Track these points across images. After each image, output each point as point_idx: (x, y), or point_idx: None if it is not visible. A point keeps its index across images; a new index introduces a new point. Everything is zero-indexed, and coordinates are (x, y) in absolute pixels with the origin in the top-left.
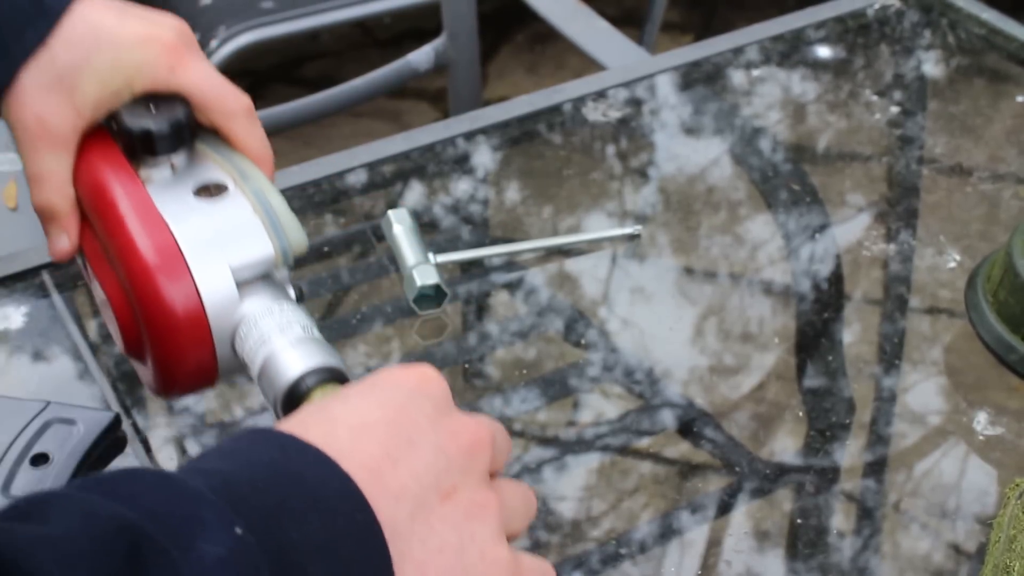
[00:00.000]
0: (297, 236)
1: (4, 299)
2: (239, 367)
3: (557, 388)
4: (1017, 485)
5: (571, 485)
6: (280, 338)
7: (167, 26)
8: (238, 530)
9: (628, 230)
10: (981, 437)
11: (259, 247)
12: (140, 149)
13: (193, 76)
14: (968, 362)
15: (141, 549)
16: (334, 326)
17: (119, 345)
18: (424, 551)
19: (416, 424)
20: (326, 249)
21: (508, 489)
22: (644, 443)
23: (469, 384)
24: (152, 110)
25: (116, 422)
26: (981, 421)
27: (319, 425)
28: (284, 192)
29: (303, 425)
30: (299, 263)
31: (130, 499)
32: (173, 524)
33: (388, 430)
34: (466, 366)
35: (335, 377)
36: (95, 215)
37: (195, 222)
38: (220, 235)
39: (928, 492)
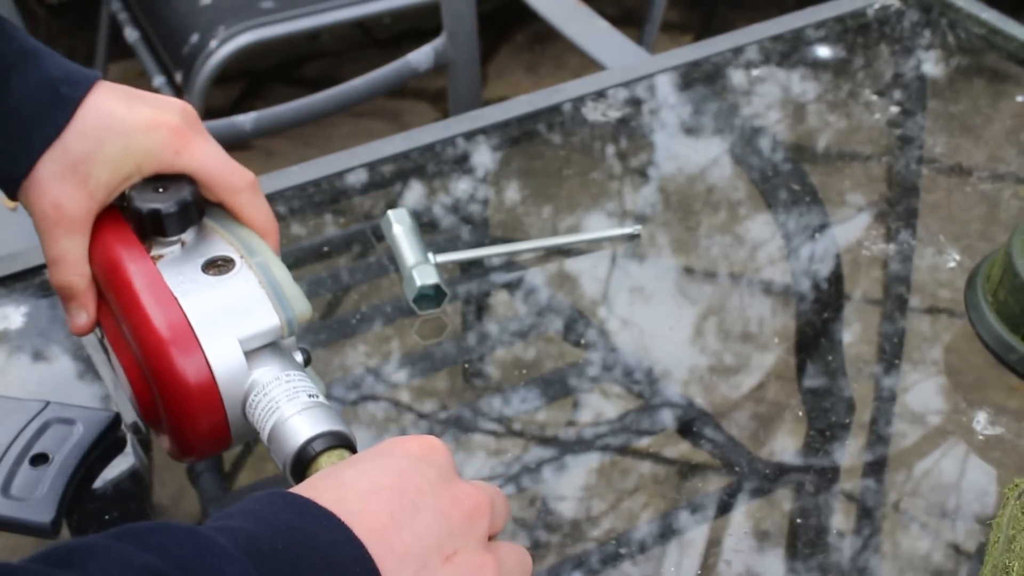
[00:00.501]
0: (301, 306)
1: (4, 299)
2: (252, 431)
3: (557, 388)
4: (1016, 485)
5: (571, 485)
6: (288, 405)
7: (173, 110)
8: None
9: (628, 230)
10: (981, 437)
11: (265, 319)
12: (150, 229)
13: (199, 157)
14: (968, 362)
15: None
16: (334, 326)
17: (136, 413)
18: None
19: (421, 490)
20: (326, 249)
21: (505, 551)
22: (644, 443)
23: (469, 384)
24: (161, 191)
25: (115, 422)
26: (981, 421)
27: (332, 490)
28: (284, 192)
29: (316, 490)
30: (299, 263)
31: (161, 551)
32: None
33: (394, 495)
34: (466, 366)
35: (340, 442)
36: (110, 292)
37: (204, 297)
38: (228, 309)
39: (928, 492)
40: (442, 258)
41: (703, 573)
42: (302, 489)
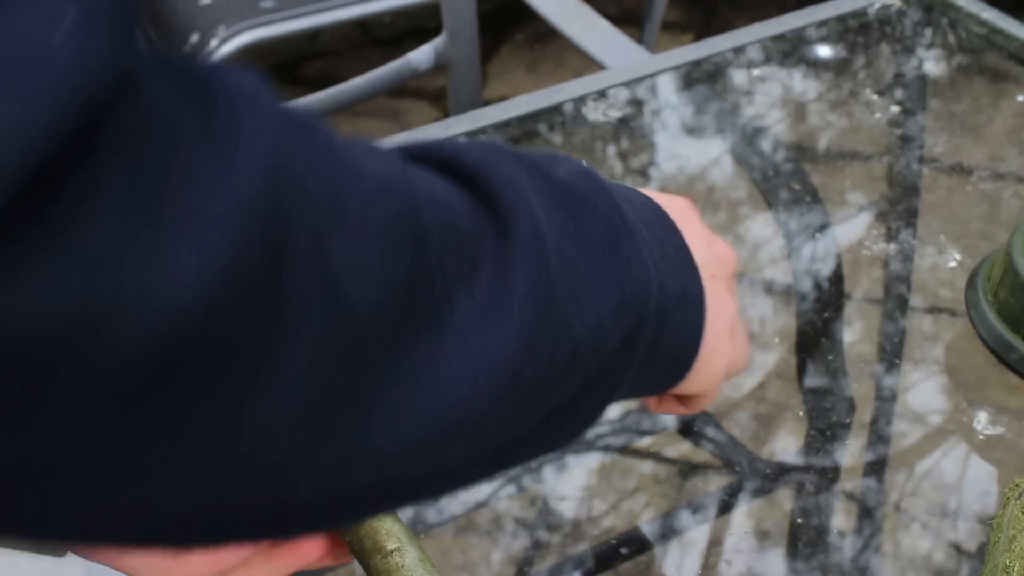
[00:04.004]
0: None
1: None
2: None
3: None
4: (1017, 485)
5: (571, 485)
6: None
7: None
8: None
9: None
10: (981, 436)
11: None
12: None
13: None
14: (968, 361)
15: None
16: None
17: None
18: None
19: (696, 228)
20: None
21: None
22: (644, 443)
23: None
24: None
25: None
26: (981, 420)
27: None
28: None
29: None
30: None
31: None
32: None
33: (686, 225)
34: None
35: None
36: None
37: None
38: None
39: (928, 491)
40: None
41: (704, 573)
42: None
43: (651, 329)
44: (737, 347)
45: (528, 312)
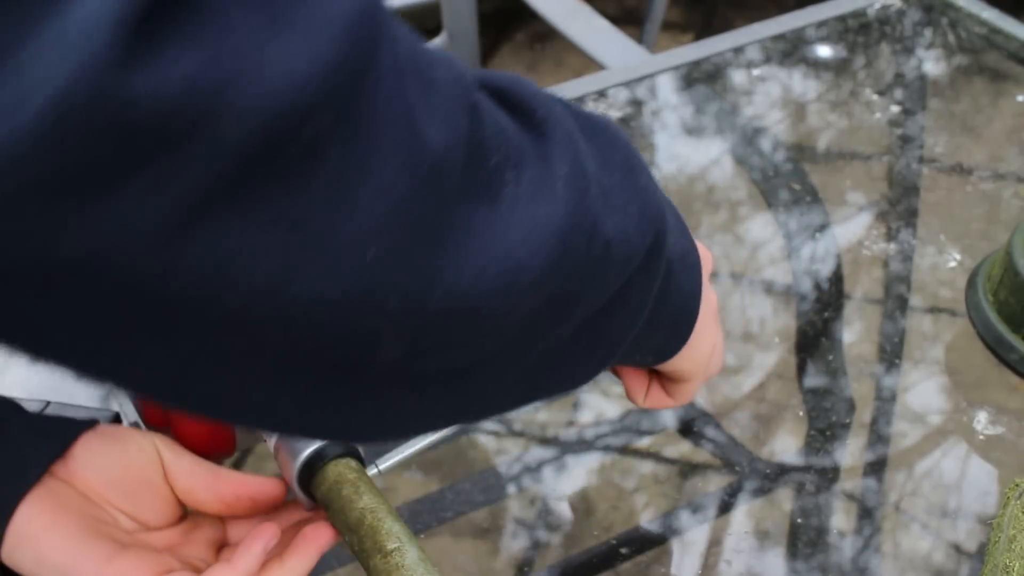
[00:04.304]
0: None
1: None
2: (256, 436)
3: None
4: (1017, 485)
5: (571, 485)
6: None
7: None
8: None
9: None
10: (981, 436)
11: None
12: None
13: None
14: (968, 361)
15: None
16: None
17: (138, 413)
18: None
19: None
20: None
21: None
22: (644, 443)
23: None
24: None
25: (116, 421)
26: (981, 420)
27: None
28: None
29: None
30: None
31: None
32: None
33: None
34: None
35: (347, 451)
36: None
37: None
38: None
39: (928, 491)
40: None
41: (704, 573)
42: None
43: (663, 266)
44: (718, 340)
45: (570, 195)
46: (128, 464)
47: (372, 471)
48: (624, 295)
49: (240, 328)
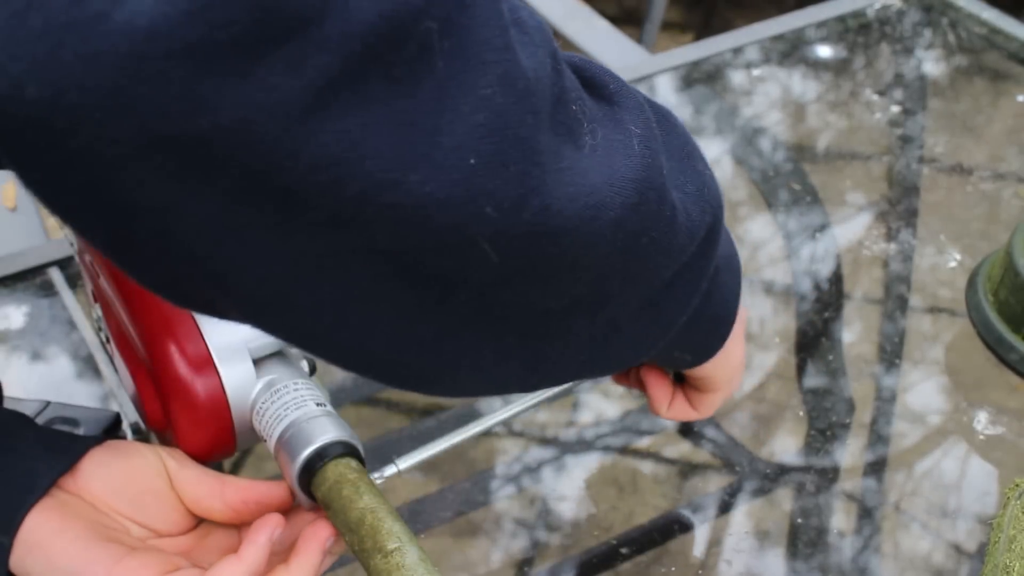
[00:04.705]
0: None
1: (5, 299)
2: (256, 437)
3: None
4: (1017, 485)
5: (571, 485)
6: (296, 413)
7: None
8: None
9: None
10: (981, 437)
11: None
12: None
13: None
14: (968, 361)
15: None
16: None
17: (139, 414)
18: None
19: None
20: None
21: None
22: (644, 443)
23: None
24: None
25: (116, 421)
26: (981, 420)
27: None
28: None
29: None
30: None
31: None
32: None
33: None
34: None
35: (347, 451)
36: (119, 296)
37: None
38: None
39: (928, 492)
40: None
41: (704, 573)
42: None
43: (716, 256)
44: (743, 357)
45: (644, 153)
46: (134, 475)
47: (392, 470)
48: (683, 275)
49: (353, 222)
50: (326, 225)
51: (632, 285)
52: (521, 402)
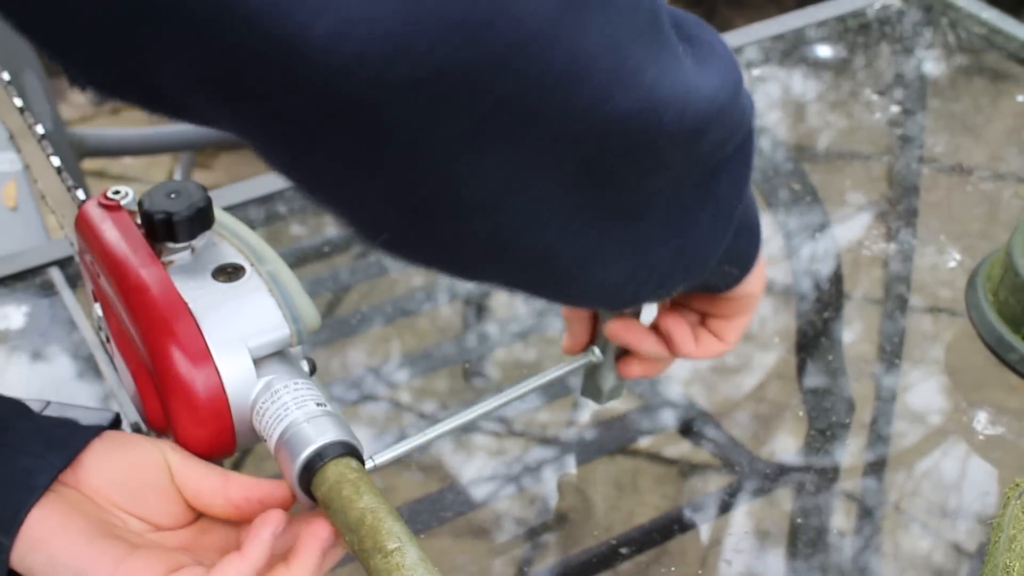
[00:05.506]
0: (310, 314)
1: (5, 299)
2: (256, 437)
3: (557, 388)
4: (1017, 485)
5: (571, 485)
6: (296, 413)
7: None
8: None
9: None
10: (981, 436)
11: (275, 327)
12: (162, 234)
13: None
14: (968, 361)
15: None
16: (334, 326)
17: (139, 414)
18: None
19: None
20: (326, 249)
21: None
22: (644, 443)
23: (469, 384)
24: (173, 197)
25: (116, 421)
26: (981, 420)
27: None
28: (284, 192)
29: None
30: (299, 262)
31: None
32: None
33: None
34: (466, 366)
35: (347, 451)
36: (120, 296)
37: (214, 304)
38: (238, 317)
39: (928, 492)
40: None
41: (704, 573)
42: None
43: (753, 158)
44: (766, 276)
45: (735, 66)
46: (135, 469)
47: (368, 465)
48: (736, 157)
49: (577, 130)
50: (556, 133)
51: (710, 166)
52: (491, 400)
